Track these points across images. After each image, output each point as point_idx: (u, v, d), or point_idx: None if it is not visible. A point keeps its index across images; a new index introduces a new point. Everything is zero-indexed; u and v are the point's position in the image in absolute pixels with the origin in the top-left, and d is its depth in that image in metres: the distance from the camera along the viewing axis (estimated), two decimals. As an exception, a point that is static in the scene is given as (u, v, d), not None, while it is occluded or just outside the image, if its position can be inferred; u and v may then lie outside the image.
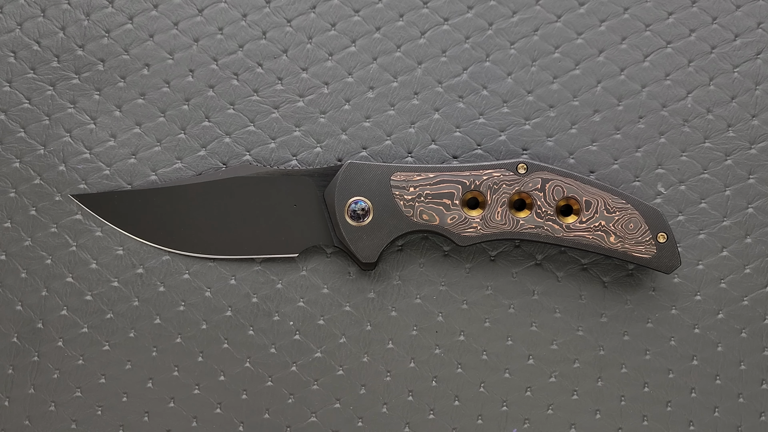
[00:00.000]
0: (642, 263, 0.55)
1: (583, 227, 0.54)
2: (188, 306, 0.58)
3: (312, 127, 0.59)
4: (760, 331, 0.58)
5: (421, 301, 0.58)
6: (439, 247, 0.59)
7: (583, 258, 0.58)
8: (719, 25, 0.60)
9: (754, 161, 0.59)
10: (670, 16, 0.60)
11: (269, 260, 0.59)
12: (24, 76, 0.60)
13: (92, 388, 0.58)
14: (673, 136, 0.58)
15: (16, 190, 0.59)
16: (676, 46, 0.59)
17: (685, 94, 0.59)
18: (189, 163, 0.59)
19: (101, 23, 0.60)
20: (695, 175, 0.59)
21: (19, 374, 0.58)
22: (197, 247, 0.58)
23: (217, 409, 0.58)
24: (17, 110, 0.59)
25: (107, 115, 0.59)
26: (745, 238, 0.58)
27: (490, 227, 0.55)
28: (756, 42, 0.59)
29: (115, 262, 0.59)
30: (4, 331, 0.58)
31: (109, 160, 0.59)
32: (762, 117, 0.59)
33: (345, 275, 0.59)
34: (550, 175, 0.54)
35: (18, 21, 0.60)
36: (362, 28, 0.60)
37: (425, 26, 0.60)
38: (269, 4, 0.60)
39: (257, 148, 0.59)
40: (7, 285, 0.59)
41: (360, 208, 0.55)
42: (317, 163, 0.59)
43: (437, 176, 0.55)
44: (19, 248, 0.59)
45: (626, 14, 0.60)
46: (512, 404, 0.58)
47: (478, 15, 0.60)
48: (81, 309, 0.58)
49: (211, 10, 0.60)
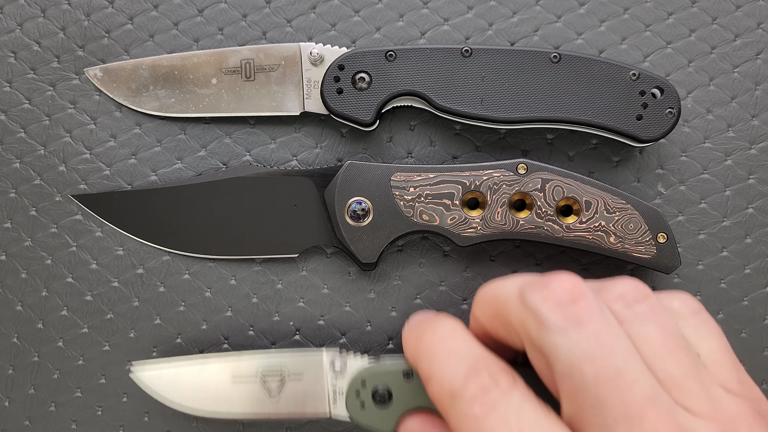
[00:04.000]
0: (642, 263, 0.55)
1: (583, 227, 0.54)
2: (188, 306, 0.58)
3: (312, 128, 0.59)
4: (760, 331, 0.58)
5: (421, 301, 0.58)
6: (439, 247, 0.59)
7: (583, 258, 0.58)
8: (719, 25, 0.60)
9: (754, 161, 0.59)
10: (670, 16, 0.60)
11: (269, 260, 0.59)
12: (24, 76, 0.60)
13: (92, 388, 0.58)
14: (673, 136, 0.58)
15: (17, 191, 0.59)
16: (676, 46, 0.59)
17: (685, 95, 0.59)
18: (189, 163, 0.59)
19: (101, 23, 0.60)
20: (695, 175, 0.59)
21: (19, 374, 0.58)
22: (197, 247, 0.58)
23: (217, 409, 0.58)
24: (17, 110, 0.59)
25: (107, 115, 0.59)
26: (745, 239, 0.58)
27: (490, 227, 0.55)
28: (756, 42, 0.59)
29: (115, 263, 0.59)
30: (4, 331, 0.58)
31: (109, 161, 0.59)
32: (762, 117, 0.59)
33: (345, 275, 0.59)
34: (550, 175, 0.54)
35: (18, 21, 0.60)
36: (362, 28, 0.60)
37: (425, 26, 0.60)
38: (269, 4, 0.60)
39: (257, 148, 0.59)
40: (7, 285, 0.59)
41: (360, 208, 0.55)
42: (317, 163, 0.59)
43: (437, 176, 0.55)
44: (20, 248, 0.59)
45: (626, 14, 0.60)
46: (512, 404, 0.58)
47: (478, 15, 0.60)
48: (81, 309, 0.58)
49: (211, 10, 0.60)
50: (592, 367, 0.35)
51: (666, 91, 0.55)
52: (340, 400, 0.51)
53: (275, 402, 0.52)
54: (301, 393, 0.52)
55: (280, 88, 0.57)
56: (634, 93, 0.55)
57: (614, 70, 0.55)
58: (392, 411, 0.49)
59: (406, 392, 0.49)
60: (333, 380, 0.51)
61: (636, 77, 0.55)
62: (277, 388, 0.52)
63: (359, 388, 0.50)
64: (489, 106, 0.55)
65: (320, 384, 0.52)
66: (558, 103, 0.55)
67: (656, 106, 0.55)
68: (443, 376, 0.40)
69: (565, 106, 0.55)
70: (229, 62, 0.58)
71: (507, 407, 0.37)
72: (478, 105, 0.55)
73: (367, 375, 0.50)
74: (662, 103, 0.55)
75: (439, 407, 0.40)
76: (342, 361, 0.51)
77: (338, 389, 0.51)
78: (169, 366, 0.53)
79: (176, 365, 0.53)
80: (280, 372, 0.52)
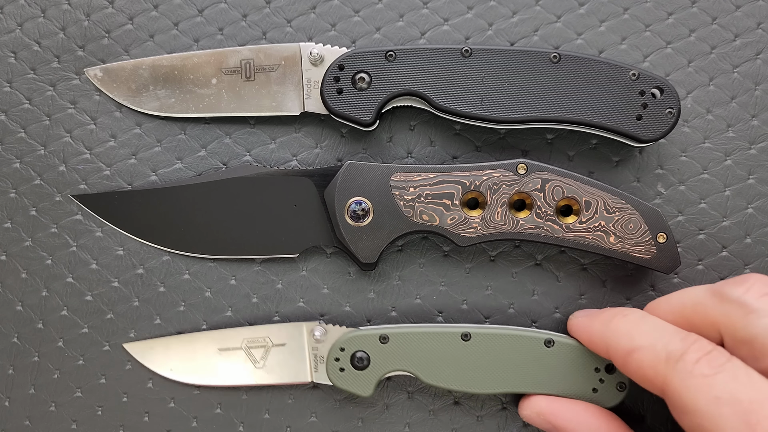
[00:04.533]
0: (642, 263, 0.55)
1: (583, 227, 0.54)
2: (188, 306, 0.58)
3: (312, 128, 0.59)
4: (759, 331, 0.58)
5: (421, 301, 0.58)
6: (439, 247, 0.59)
7: (583, 258, 0.58)
8: (719, 25, 0.60)
9: (754, 161, 0.59)
10: (670, 16, 0.60)
11: (269, 260, 0.59)
12: (24, 76, 0.60)
13: (92, 388, 0.58)
14: (673, 136, 0.58)
15: (17, 191, 0.59)
16: (676, 46, 0.59)
17: (685, 95, 0.59)
18: (189, 163, 0.59)
19: (101, 23, 0.60)
20: (695, 175, 0.59)
21: (19, 374, 0.58)
22: (197, 247, 0.58)
23: (217, 409, 0.58)
24: (18, 110, 0.59)
25: (107, 115, 0.59)
26: (745, 238, 0.58)
27: (490, 227, 0.55)
28: (756, 42, 0.59)
29: (116, 263, 0.59)
30: (4, 331, 0.58)
31: (109, 161, 0.59)
32: (762, 117, 0.59)
33: (345, 275, 0.59)
34: (549, 175, 0.54)
35: (18, 21, 0.60)
36: (362, 28, 0.60)
37: (425, 26, 0.60)
38: (269, 4, 0.60)
39: (257, 148, 0.59)
40: (7, 285, 0.59)
41: (360, 208, 0.55)
42: (317, 163, 0.59)
43: (437, 176, 0.55)
44: (20, 248, 0.59)
45: (626, 14, 0.60)
46: (512, 404, 0.58)
47: (478, 15, 0.60)
48: (81, 309, 0.58)
49: (211, 10, 0.60)
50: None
51: (666, 91, 0.55)
52: (321, 367, 0.55)
53: (260, 369, 0.56)
54: (284, 361, 0.56)
55: (280, 88, 0.57)
56: (634, 93, 0.55)
57: (614, 70, 0.55)
58: (370, 374, 0.54)
59: (383, 356, 0.54)
60: (314, 348, 0.55)
61: (636, 77, 0.55)
62: (262, 357, 0.56)
63: (338, 355, 0.54)
64: (489, 106, 0.55)
65: (302, 352, 0.56)
66: (558, 103, 0.55)
67: (656, 106, 0.55)
68: (656, 344, 0.45)
69: (565, 106, 0.55)
70: (229, 62, 0.58)
71: (734, 366, 0.42)
72: (478, 105, 0.55)
73: (346, 341, 0.54)
74: (662, 103, 0.55)
75: (649, 373, 0.45)
76: (322, 330, 0.55)
77: (319, 356, 0.55)
78: (159, 341, 0.58)
79: (166, 339, 0.57)
80: (263, 342, 0.56)
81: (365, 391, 0.54)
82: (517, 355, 0.54)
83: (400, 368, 0.54)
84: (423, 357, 0.54)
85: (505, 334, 0.54)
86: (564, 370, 0.53)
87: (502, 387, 0.54)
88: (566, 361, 0.53)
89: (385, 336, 0.54)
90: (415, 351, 0.54)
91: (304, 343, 0.55)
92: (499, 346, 0.54)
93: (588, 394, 0.53)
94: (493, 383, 0.54)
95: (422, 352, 0.54)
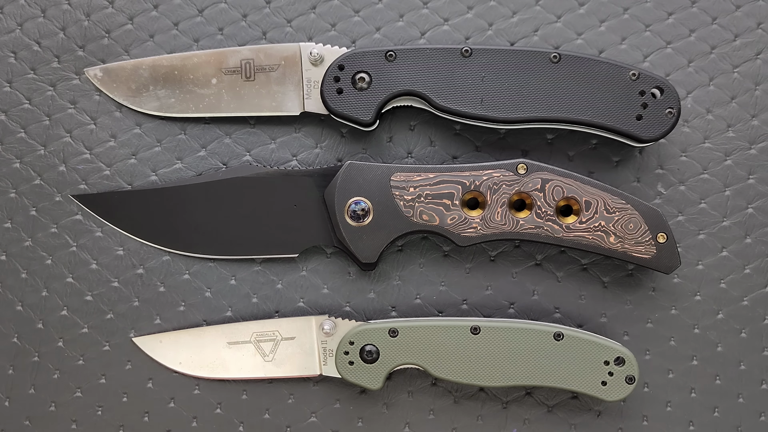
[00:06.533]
0: (642, 263, 0.55)
1: (583, 227, 0.54)
2: (188, 306, 0.58)
3: (312, 128, 0.59)
4: (760, 331, 0.58)
5: (421, 301, 0.58)
6: (439, 247, 0.59)
7: (583, 258, 0.58)
8: (719, 25, 0.60)
9: (754, 161, 0.59)
10: (670, 16, 0.60)
11: (269, 260, 0.59)
12: (24, 76, 0.60)
13: (92, 388, 0.58)
14: (673, 136, 0.58)
15: (17, 191, 0.59)
16: (676, 46, 0.59)
17: (685, 95, 0.59)
18: (189, 163, 0.59)
19: (101, 23, 0.60)
20: (695, 175, 0.59)
21: (19, 374, 0.58)
22: (197, 247, 0.58)
23: (217, 409, 0.58)
24: (17, 111, 0.59)
25: (107, 115, 0.59)
26: (745, 239, 0.58)
27: (490, 227, 0.55)
28: (756, 42, 0.59)
29: (116, 263, 0.59)
30: (4, 331, 0.58)
31: (110, 161, 0.59)
32: (762, 117, 0.59)
33: (345, 275, 0.59)
34: (550, 175, 0.54)
35: (18, 21, 0.60)
36: (362, 28, 0.60)
37: (425, 26, 0.60)
38: (269, 4, 0.60)
39: (257, 148, 0.59)
40: (7, 285, 0.59)
41: (360, 208, 0.55)
42: (317, 163, 0.59)
43: (437, 176, 0.55)
44: (20, 248, 0.59)
45: (626, 14, 0.60)
46: (512, 404, 0.58)
47: (478, 15, 0.60)
48: (81, 309, 0.58)
49: (212, 10, 0.60)
50: None
51: (666, 91, 0.55)
52: (330, 360, 0.55)
53: (269, 363, 0.56)
54: (293, 354, 0.56)
55: (280, 88, 0.57)
56: (634, 93, 0.55)
57: (614, 70, 0.55)
58: (379, 367, 0.54)
59: (392, 349, 0.54)
60: (323, 341, 0.56)
61: (636, 77, 0.55)
62: (271, 350, 0.56)
63: (348, 348, 0.54)
64: (489, 106, 0.55)
65: (311, 345, 0.56)
66: (558, 103, 0.55)
67: (656, 106, 0.55)
68: None
69: (565, 106, 0.55)
70: (229, 62, 0.58)
71: None
72: (478, 105, 0.55)
73: (355, 334, 0.54)
74: (662, 103, 0.55)
75: None
76: (331, 324, 0.55)
77: (328, 349, 0.55)
78: (168, 335, 0.58)
79: (176, 333, 0.58)
80: (273, 336, 0.56)
81: (374, 384, 0.54)
82: (526, 348, 0.54)
83: (409, 361, 0.54)
84: (432, 350, 0.54)
85: (514, 327, 0.54)
86: (573, 363, 0.54)
87: (511, 380, 0.54)
88: (575, 354, 0.54)
89: (394, 330, 0.54)
90: (425, 344, 0.54)
91: (313, 337, 0.56)
92: (508, 339, 0.54)
93: (597, 387, 0.54)
94: (502, 376, 0.54)
95: (431, 346, 0.54)
